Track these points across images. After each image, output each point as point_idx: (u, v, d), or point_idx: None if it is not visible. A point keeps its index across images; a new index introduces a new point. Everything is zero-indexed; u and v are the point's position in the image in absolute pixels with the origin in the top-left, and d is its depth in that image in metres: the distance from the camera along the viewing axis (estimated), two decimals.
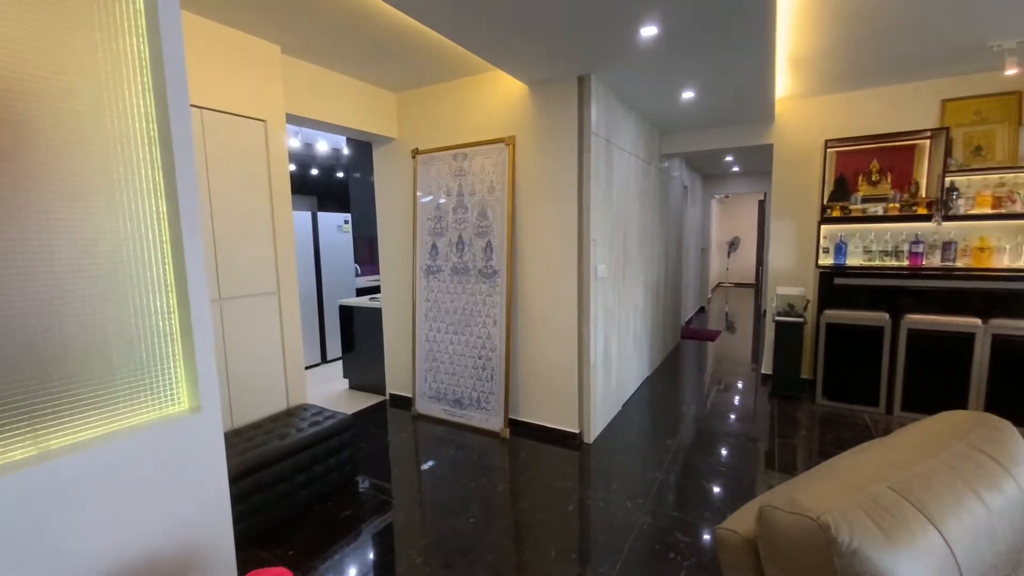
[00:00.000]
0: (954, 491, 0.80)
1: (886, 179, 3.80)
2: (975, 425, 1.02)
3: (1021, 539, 0.88)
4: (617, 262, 3.59)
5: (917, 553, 0.68)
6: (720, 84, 3.18)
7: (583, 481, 2.74)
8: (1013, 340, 3.17)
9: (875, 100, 3.83)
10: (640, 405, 3.92)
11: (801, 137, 4.12)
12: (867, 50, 3.05)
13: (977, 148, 3.53)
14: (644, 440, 3.26)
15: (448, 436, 3.35)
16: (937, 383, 3.39)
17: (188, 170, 1.16)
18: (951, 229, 3.61)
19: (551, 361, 3.22)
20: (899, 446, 0.96)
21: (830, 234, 4.00)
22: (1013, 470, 0.91)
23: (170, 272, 1.14)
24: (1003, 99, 3.46)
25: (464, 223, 3.38)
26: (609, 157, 3.31)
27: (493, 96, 3.25)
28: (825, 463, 0.95)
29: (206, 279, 1.21)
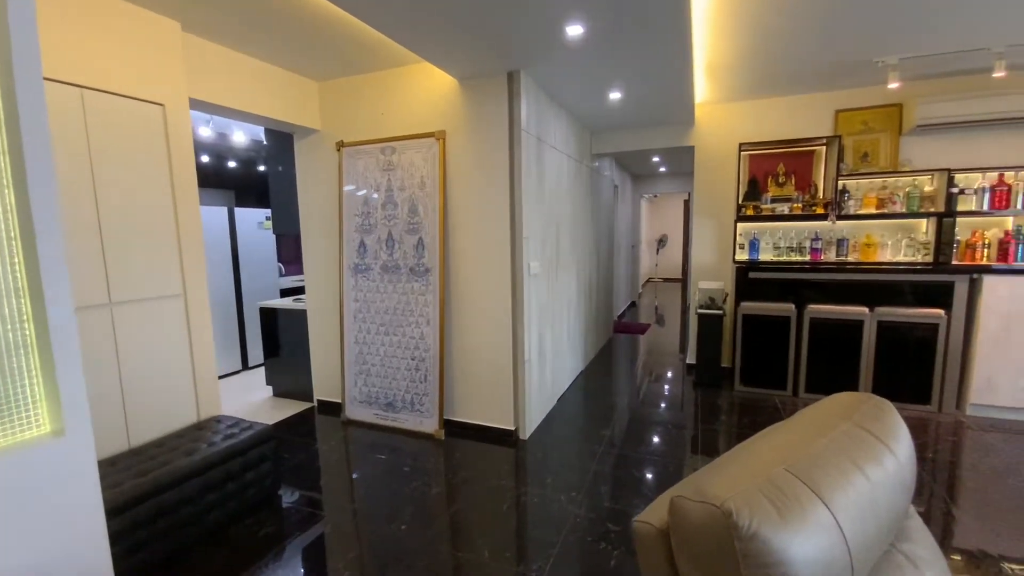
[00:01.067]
0: (841, 468, 0.87)
1: (791, 181, 4.14)
2: (859, 405, 1.12)
3: (900, 508, 0.97)
4: (550, 259, 3.63)
5: (809, 531, 0.72)
6: (645, 87, 3.30)
7: (518, 478, 2.74)
8: (893, 325, 3.57)
9: (780, 108, 4.16)
10: (575, 398, 4.00)
11: (718, 140, 4.39)
12: (772, 62, 3.29)
13: (864, 154, 3.94)
14: (579, 433, 3.33)
15: (380, 441, 3.23)
16: (834, 365, 3.75)
17: (41, 154, 0.99)
18: (844, 227, 4.01)
19: (486, 359, 3.19)
20: (795, 429, 1.02)
21: (745, 231, 4.30)
22: (891, 445, 1.00)
23: (21, 273, 0.97)
24: (886, 110, 3.88)
25: (394, 219, 3.26)
26: (540, 154, 3.33)
27: (422, 89, 3.16)
28: (732, 449, 0.99)
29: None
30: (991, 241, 3.59)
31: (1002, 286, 3.32)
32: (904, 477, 0.99)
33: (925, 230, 3.82)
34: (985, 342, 3.37)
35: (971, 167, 3.61)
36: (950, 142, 3.74)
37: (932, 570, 0.99)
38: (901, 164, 3.84)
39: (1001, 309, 3.32)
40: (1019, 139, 3.59)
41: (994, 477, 2.66)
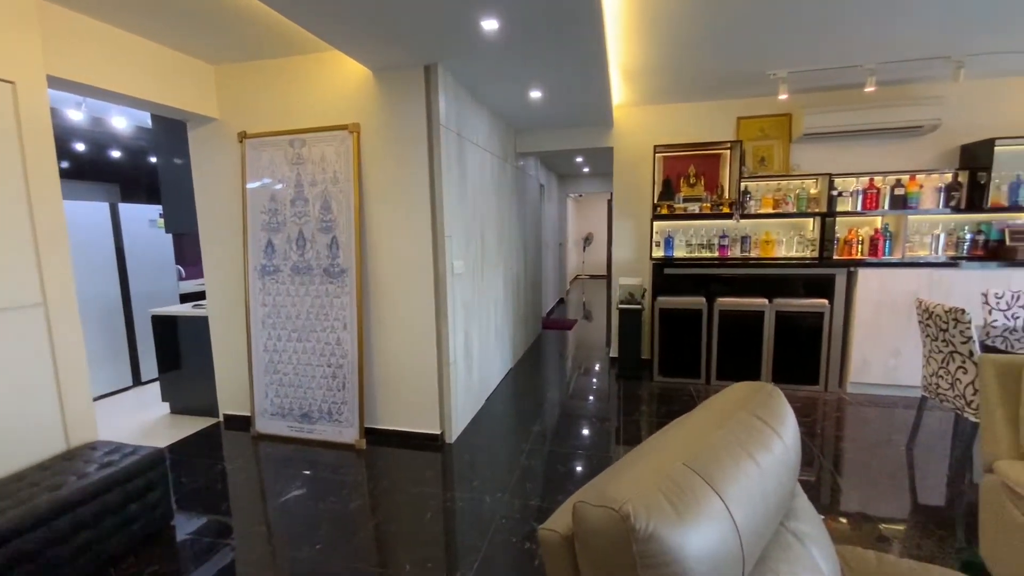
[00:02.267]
0: (735, 458, 0.90)
1: (701, 182, 4.42)
2: (754, 394, 1.18)
3: (787, 489, 1.03)
4: (475, 258, 3.58)
5: (704, 524, 0.73)
6: (564, 87, 3.34)
7: (444, 483, 2.67)
8: (788, 315, 3.93)
9: (690, 113, 4.42)
10: (504, 397, 3.99)
11: (635, 142, 4.58)
12: (680, 70, 3.48)
13: (762, 159, 4.30)
14: (507, 432, 3.31)
15: (295, 455, 3.00)
16: (741, 353, 4.06)
17: None
18: (747, 225, 4.34)
19: (408, 363, 3.08)
20: (697, 421, 1.06)
21: (660, 230, 4.53)
22: (780, 430, 1.07)
23: None
24: (779, 119, 4.25)
25: (305, 217, 3.05)
26: (461, 151, 3.27)
27: (334, 79, 2.97)
28: (641, 444, 1.00)
29: None
30: (864, 238, 4.06)
31: (873, 278, 3.76)
32: (790, 459, 1.05)
33: (812, 228, 4.24)
34: (860, 327, 3.80)
35: (848, 172, 4.06)
36: (831, 149, 4.18)
37: (816, 545, 1.06)
38: (792, 168, 4.23)
39: (872, 298, 3.76)
40: (886, 147, 4.09)
41: (871, 447, 3.00)
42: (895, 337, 3.74)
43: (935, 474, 2.66)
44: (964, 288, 3.60)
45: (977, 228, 3.93)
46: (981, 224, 3.92)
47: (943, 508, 2.36)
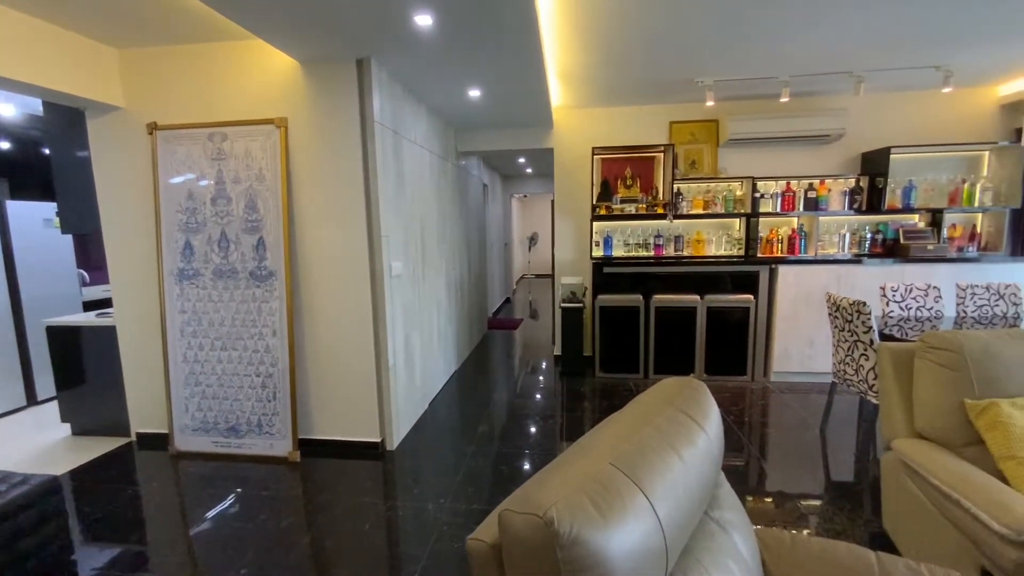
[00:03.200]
0: (660, 454, 0.92)
1: (637, 183, 4.57)
2: (681, 389, 1.22)
3: (711, 480, 1.07)
4: (415, 258, 3.49)
5: (628, 523, 0.73)
6: (502, 87, 3.33)
7: (385, 492, 2.58)
8: (718, 310, 4.16)
9: (627, 116, 4.57)
10: (448, 400, 3.93)
11: (575, 144, 4.66)
12: (616, 74, 3.58)
13: (693, 162, 4.52)
14: (451, 435, 3.26)
15: (222, 473, 2.79)
16: (675, 348, 4.25)
17: None
18: (679, 225, 4.55)
19: (345, 369, 2.95)
20: (626, 419, 1.08)
21: (600, 230, 4.65)
22: (704, 424, 1.11)
23: None
24: (707, 124, 4.49)
25: (228, 216, 2.84)
26: (398, 149, 3.18)
27: (259, 69, 2.79)
28: (573, 445, 1.00)
29: None
30: (783, 237, 4.38)
31: (791, 274, 4.06)
32: (713, 451, 1.09)
33: (738, 228, 4.51)
34: (781, 320, 4.10)
35: (769, 176, 4.36)
36: (754, 154, 4.47)
37: (738, 531, 1.11)
38: (719, 171, 4.48)
39: (790, 293, 4.06)
40: (801, 153, 4.43)
41: (790, 431, 3.23)
42: (810, 328, 4.06)
43: (845, 453, 2.91)
44: (866, 282, 3.97)
45: (876, 228, 4.35)
46: (880, 224, 4.35)
47: (852, 484, 2.58)
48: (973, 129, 4.24)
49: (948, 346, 1.71)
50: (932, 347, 1.76)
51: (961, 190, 4.10)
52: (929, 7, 2.58)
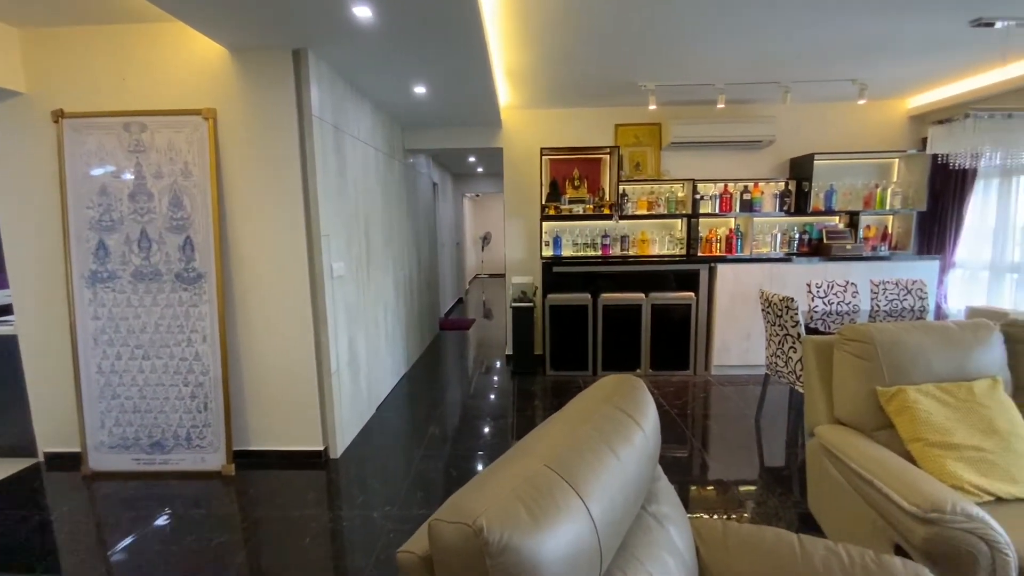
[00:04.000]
0: (597, 453, 0.93)
1: (584, 184, 4.65)
2: (618, 387, 1.24)
3: (647, 476, 1.09)
4: (359, 258, 3.38)
5: (561, 525, 0.73)
6: (449, 84, 3.29)
7: (329, 503, 2.48)
8: (662, 307, 4.31)
9: (574, 118, 4.63)
10: (397, 403, 3.83)
11: (523, 144, 4.68)
12: (561, 76, 3.62)
13: (637, 164, 4.66)
14: (399, 440, 3.18)
15: (145, 493, 2.58)
16: (622, 345, 4.36)
17: None
18: (625, 226, 4.68)
19: (284, 375, 2.80)
20: (566, 419, 1.08)
21: (549, 229, 4.70)
22: (641, 421, 1.13)
23: None
24: (651, 128, 4.64)
25: (149, 214, 2.62)
26: (340, 145, 3.06)
27: (183, 55, 2.59)
28: (512, 448, 0.98)
29: None
30: (721, 237, 4.60)
31: (729, 272, 4.27)
32: (650, 448, 1.12)
33: (680, 228, 4.69)
34: (720, 316, 4.30)
35: (708, 178, 4.56)
36: (695, 157, 4.67)
37: (674, 524, 1.14)
38: (662, 173, 4.64)
39: (728, 290, 4.27)
40: (737, 158, 4.66)
41: (729, 421, 3.40)
42: (747, 323, 4.29)
43: (777, 441, 3.09)
44: (795, 279, 4.24)
45: (803, 229, 4.66)
46: (806, 225, 4.66)
47: (783, 469, 2.74)
48: (885, 138, 4.63)
49: (862, 338, 1.84)
50: (848, 339, 1.89)
51: (875, 194, 4.47)
52: (844, 24, 2.78)
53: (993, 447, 1.61)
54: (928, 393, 1.72)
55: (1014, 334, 1.88)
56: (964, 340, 1.81)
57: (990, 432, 1.63)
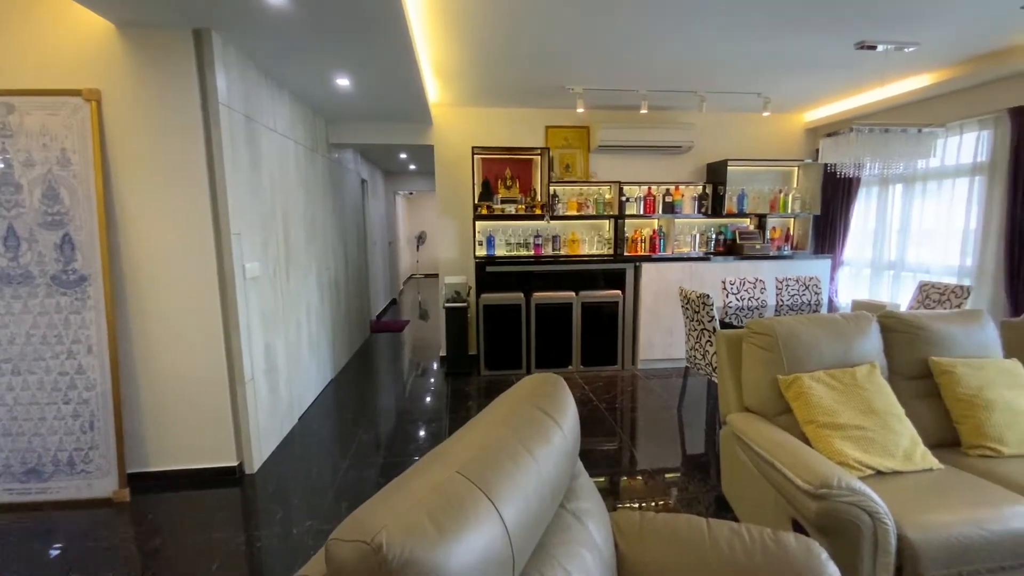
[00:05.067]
0: (513, 456, 0.91)
1: (517, 184, 4.68)
2: (539, 386, 1.24)
3: (565, 474, 1.10)
4: (276, 258, 3.16)
5: (470, 534, 0.70)
6: (374, 78, 3.16)
7: (244, 522, 2.29)
8: (592, 305, 4.44)
9: (506, 118, 4.65)
10: (323, 411, 3.64)
11: (455, 142, 4.62)
12: (491, 75, 3.61)
13: (567, 165, 4.76)
14: (325, 449, 3.01)
15: (15, 527, 2.24)
16: (555, 342, 4.44)
17: None
18: (556, 226, 4.77)
19: (189, 387, 2.56)
20: (484, 422, 1.05)
21: (482, 229, 4.67)
22: (559, 419, 1.13)
23: None
24: (579, 131, 4.76)
25: (17, 208, 2.28)
26: (253, 137, 2.84)
27: (60, 30, 2.28)
28: (425, 456, 0.94)
29: None
30: (646, 237, 4.81)
31: (653, 271, 4.49)
32: (568, 446, 1.12)
33: (608, 229, 4.86)
34: (645, 313, 4.50)
35: (633, 180, 4.76)
36: (621, 160, 4.85)
37: (593, 519, 1.16)
38: (591, 175, 4.78)
39: (652, 288, 4.49)
40: (659, 161, 4.90)
41: (654, 413, 3.56)
42: (669, 319, 4.52)
43: (697, 429, 3.28)
44: (712, 277, 4.53)
45: (719, 230, 5.00)
46: (721, 227, 5.00)
47: (702, 456, 2.92)
48: (786, 148, 5.08)
49: (765, 331, 1.99)
50: (754, 332, 2.04)
51: (779, 199, 4.89)
52: (746, 42, 3.00)
53: (872, 425, 1.79)
54: (819, 379, 1.90)
55: (888, 324, 2.11)
56: (848, 331, 2.02)
57: (869, 412, 1.82)
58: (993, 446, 1.84)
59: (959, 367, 1.97)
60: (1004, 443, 1.84)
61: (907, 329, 2.08)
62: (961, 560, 1.45)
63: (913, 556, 1.43)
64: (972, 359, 2.01)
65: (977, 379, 1.94)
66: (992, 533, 1.47)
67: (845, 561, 1.45)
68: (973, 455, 1.87)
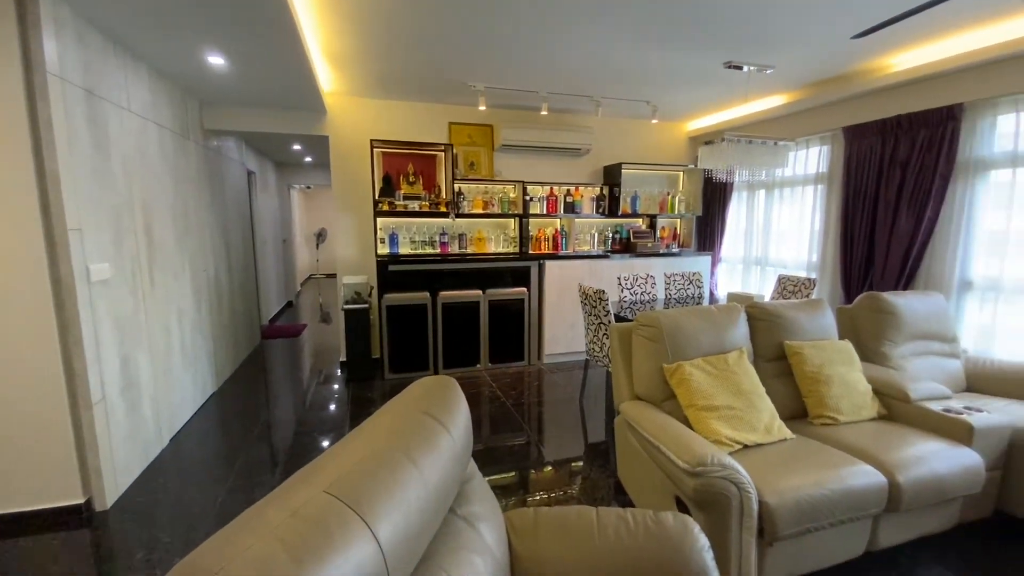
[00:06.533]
0: (393, 468, 0.86)
1: (420, 181, 4.55)
2: (430, 389, 1.19)
3: (454, 480, 1.06)
4: (135, 258, 2.74)
5: (334, 561, 0.64)
6: (253, 58, 2.86)
7: (94, 567, 1.95)
8: (499, 303, 4.47)
9: (407, 111, 4.50)
10: (202, 429, 3.24)
11: (352, 133, 4.38)
12: (388, 67, 3.46)
13: (472, 163, 4.73)
14: (201, 474, 2.68)
15: None
16: (462, 341, 4.40)
17: None
18: (462, 224, 4.72)
19: (12, 415, 2.12)
20: (366, 432, 0.98)
21: (384, 226, 4.48)
22: (449, 424, 1.10)
23: None
24: (483, 129, 4.75)
25: None
26: (98, 115, 2.42)
27: None
28: (292, 476, 0.85)
29: None
30: (549, 236, 4.96)
31: (556, 268, 4.63)
32: (458, 451, 1.09)
33: (513, 227, 4.92)
34: (549, 309, 4.64)
35: (537, 180, 4.87)
36: (524, 160, 4.93)
37: (485, 522, 1.13)
38: (495, 174, 4.81)
39: (556, 285, 4.63)
40: (561, 163, 5.07)
41: (558, 405, 3.67)
42: (571, 315, 4.70)
43: (597, 419, 3.44)
44: (610, 274, 4.79)
45: (616, 229, 5.30)
46: (618, 226, 5.31)
47: (602, 443, 3.06)
48: (673, 154, 5.53)
49: (651, 323, 2.13)
50: (642, 324, 2.17)
51: (667, 200, 5.31)
52: (631, 52, 3.20)
53: (741, 405, 2.00)
54: (698, 366, 2.07)
55: (753, 313, 2.38)
56: (721, 320, 2.23)
57: (738, 393, 2.02)
58: (831, 415, 2.15)
59: (806, 348, 2.27)
60: (840, 412, 2.16)
61: (767, 317, 2.36)
62: (809, 518, 1.67)
63: (771, 518, 1.61)
64: (816, 341, 2.33)
65: (819, 358, 2.25)
66: (833, 492, 1.70)
67: (718, 529, 1.60)
68: (817, 424, 2.17)
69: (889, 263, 3.52)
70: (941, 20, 2.70)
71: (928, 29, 2.83)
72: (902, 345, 2.60)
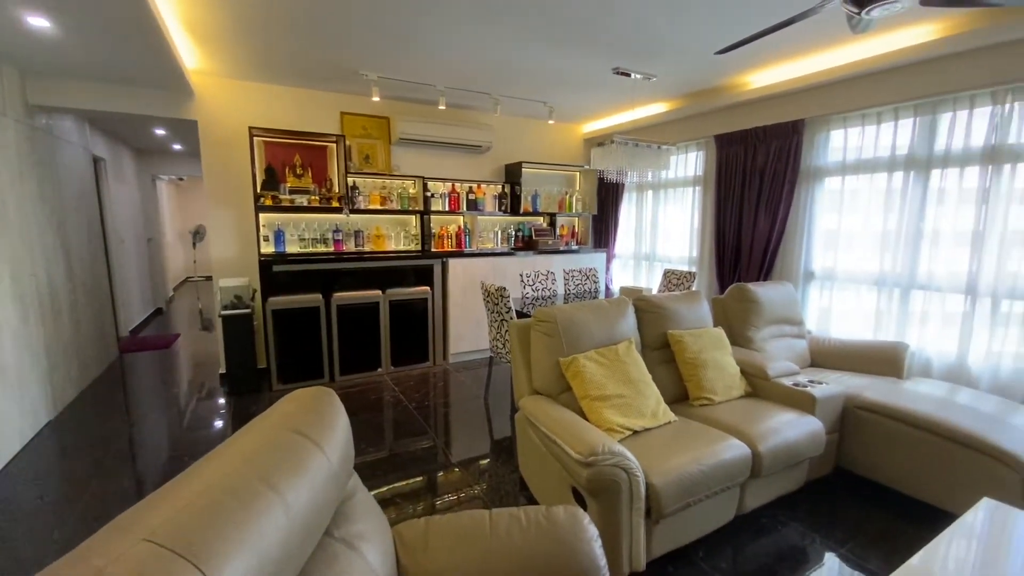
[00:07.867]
0: (245, 500, 0.74)
1: (309, 173, 4.22)
2: (305, 402, 1.08)
3: (330, 503, 0.96)
4: None
5: None
6: (87, 24, 2.41)
7: None
8: (400, 303, 4.30)
9: (293, 98, 4.13)
10: (33, 466, 2.68)
11: (227, 120, 3.92)
12: (265, 47, 3.14)
13: (367, 156, 4.49)
14: (27, 521, 2.20)
15: None
16: (361, 345, 4.16)
17: None
18: (358, 220, 4.47)
19: None
20: (218, 459, 0.85)
21: (269, 223, 4.08)
22: (321, 440, 0.99)
23: None
24: (379, 121, 4.53)
25: None
26: None
27: None
28: (100, 531, 0.69)
29: None
30: (452, 234, 4.88)
31: (459, 266, 4.57)
32: (335, 469, 0.99)
33: (415, 224, 4.77)
34: (454, 307, 4.57)
35: (437, 177, 4.76)
36: (424, 155, 4.80)
37: (369, 542, 1.05)
38: (393, 168, 4.61)
39: (459, 283, 4.58)
40: (463, 160, 5.01)
41: (464, 404, 3.62)
42: (476, 312, 4.68)
43: (502, 415, 3.45)
44: (513, 271, 4.85)
45: (518, 227, 5.38)
46: (519, 224, 5.39)
47: (506, 440, 3.07)
48: (570, 154, 5.75)
49: (548, 318, 2.17)
50: (539, 320, 2.21)
51: (565, 199, 5.51)
52: (527, 52, 3.25)
53: (630, 392, 2.11)
54: (591, 358, 2.15)
55: (640, 306, 2.53)
56: (612, 313, 2.34)
57: (628, 382, 2.14)
58: (708, 396, 2.36)
59: (686, 336, 2.47)
60: (715, 393, 2.38)
61: (652, 309, 2.52)
62: (690, 493, 1.80)
63: (657, 498, 1.72)
64: (695, 330, 2.55)
65: (698, 345, 2.46)
66: (708, 467, 1.86)
67: (610, 515, 1.66)
68: (696, 405, 2.37)
69: (753, 257, 3.98)
70: (787, 45, 3.09)
71: (777, 52, 3.23)
72: (763, 329, 2.95)
